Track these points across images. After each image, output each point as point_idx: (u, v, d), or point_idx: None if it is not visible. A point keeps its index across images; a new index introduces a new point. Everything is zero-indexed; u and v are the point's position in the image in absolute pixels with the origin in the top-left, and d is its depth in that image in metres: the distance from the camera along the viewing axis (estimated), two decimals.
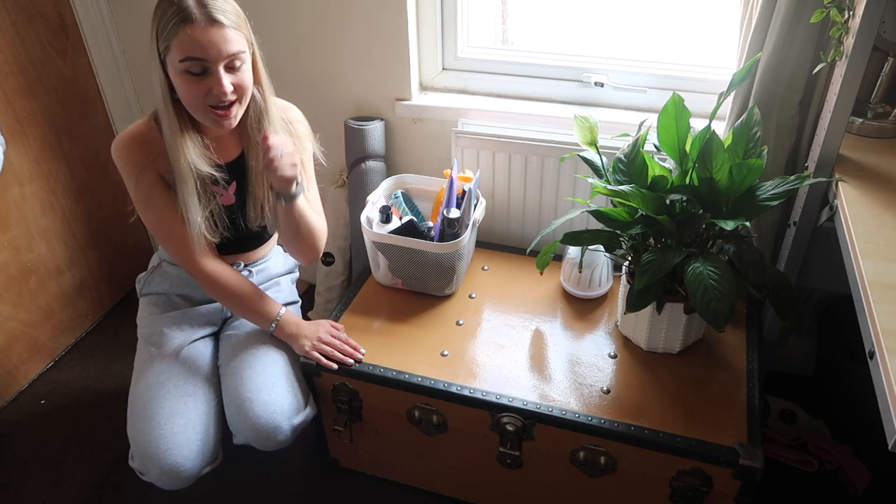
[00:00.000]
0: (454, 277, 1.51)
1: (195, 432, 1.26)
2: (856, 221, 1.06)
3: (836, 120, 1.18)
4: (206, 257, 1.32)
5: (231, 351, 1.38)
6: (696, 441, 1.16)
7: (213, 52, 1.10)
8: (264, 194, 1.34)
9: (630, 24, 1.66)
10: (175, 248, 1.30)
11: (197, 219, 1.25)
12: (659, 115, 1.19)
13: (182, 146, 1.20)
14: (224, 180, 1.28)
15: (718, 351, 1.36)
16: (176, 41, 1.09)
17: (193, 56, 1.09)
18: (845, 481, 1.48)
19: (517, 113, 1.66)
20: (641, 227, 1.21)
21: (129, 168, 1.25)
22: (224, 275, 1.33)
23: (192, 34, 1.08)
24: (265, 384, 1.30)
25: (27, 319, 1.83)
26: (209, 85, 1.13)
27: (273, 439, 1.28)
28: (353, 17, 1.66)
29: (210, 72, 1.12)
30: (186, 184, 1.22)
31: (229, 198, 1.33)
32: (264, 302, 1.37)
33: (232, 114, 1.18)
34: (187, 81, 1.12)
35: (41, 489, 1.57)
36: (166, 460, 1.22)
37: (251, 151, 1.30)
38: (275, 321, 1.36)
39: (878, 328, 0.83)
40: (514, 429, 1.26)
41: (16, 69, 1.68)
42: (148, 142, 1.24)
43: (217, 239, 1.31)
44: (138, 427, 1.26)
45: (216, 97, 1.14)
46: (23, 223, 1.77)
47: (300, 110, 1.43)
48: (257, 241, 1.46)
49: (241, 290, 1.34)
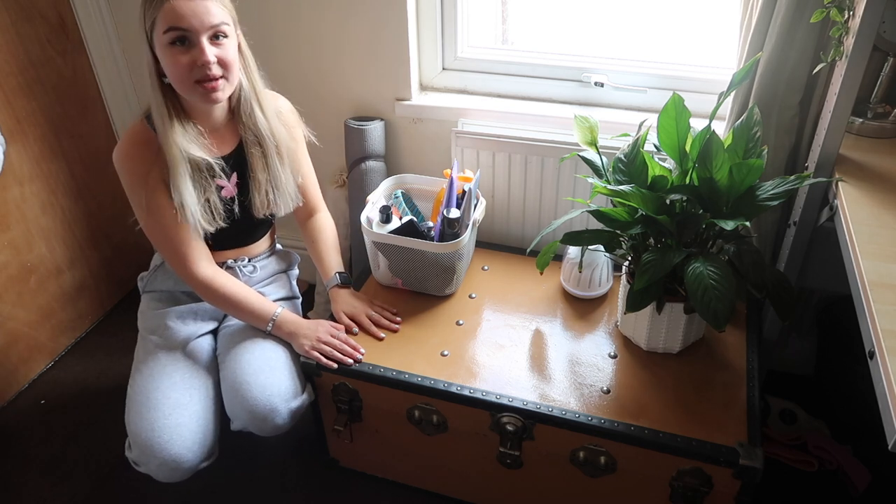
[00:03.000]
0: (454, 277, 1.51)
1: (198, 425, 1.28)
2: (856, 221, 1.06)
3: (836, 120, 1.18)
4: (202, 263, 1.33)
5: (230, 339, 1.40)
6: (696, 441, 1.16)
7: (196, 21, 1.12)
8: (267, 180, 1.36)
9: (630, 24, 1.66)
10: (171, 253, 1.32)
11: (192, 205, 1.25)
12: (659, 115, 1.19)
13: (171, 130, 1.21)
14: (223, 171, 1.30)
15: (718, 351, 1.36)
16: (160, 14, 1.12)
17: (176, 26, 1.12)
18: (845, 481, 1.48)
19: (517, 113, 1.66)
20: (641, 227, 1.21)
21: (133, 177, 1.25)
22: (219, 279, 1.35)
23: (175, 4, 1.11)
24: (263, 368, 1.31)
25: (27, 319, 1.83)
26: (193, 57, 1.14)
27: (271, 422, 1.29)
28: (353, 18, 1.66)
29: (193, 43, 1.14)
30: (177, 168, 1.22)
31: (230, 189, 1.34)
32: (260, 302, 1.38)
33: (219, 86, 1.19)
34: (172, 54, 1.14)
35: (41, 489, 1.57)
36: (168, 451, 1.23)
37: (248, 140, 1.32)
38: (271, 321, 1.37)
39: (878, 328, 0.83)
40: (514, 429, 1.26)
41: (16, 69, 1.68)
42: (146, 143, 1.24)
43: (213, 228, 1.31)
44: (140, 416, 1.26)
45: (201, 69, 1.15)
46: (23, 223, 1.77)
47: (300, 109, 1.44)
48: (259, 233, 1.48)
49: (236, 292, 1.36)
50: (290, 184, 1.40)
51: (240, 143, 1.34)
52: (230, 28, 1.19)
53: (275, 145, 1.34)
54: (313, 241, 1.54)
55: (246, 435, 1.39)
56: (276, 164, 1.35)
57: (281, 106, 1.40)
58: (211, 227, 1.31)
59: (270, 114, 1.33)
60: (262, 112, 1.31)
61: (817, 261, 1.35)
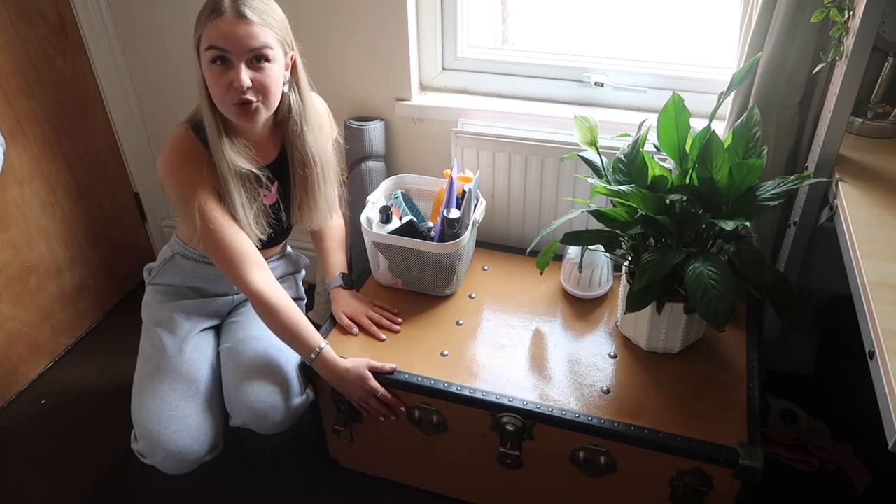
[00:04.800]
0: (454, 277, 1.51)
1: (203, 416, 1.29)
2: (856, 221, 1.06)
3: (836, 120, 1.18)
4: (257, 272, 1.28)
5: (233, 335, 1.41)
6: (696, 441, 1.16)
7: (235, 43, 1.12)
8: (307, 190, 1.36)
9: (630, 24, 1.66)
10: (227, 262, 1.26)
11: (246, 215, 1.26)
12: (659, 115, 1.19)
13: (221, 144, 1.21)
14: (268, 179, 1.30)
15: (718, 351, 1.36)
16: (205, 31, 1.13)
17: (216, 45, 1.12)
18: (845, 481, 1.48)
19: (517, 113, 1.66)
20: (641, 227, 1.21)
21: (186, 188, 1.22)
22: (273, 292, 1.28)
23: (219, 25, 1.11)
24: (264, 365, 1.32)
25: (27, 319, 1.83)
26: (230, 78, 1.14)
27: (270, 420, 1.29)
28: (353, 18, 1.66)
29: (231, 65, 1.14)
30: (229, 183, 1.22)
31: (272, 196, 1.35)
32: (308, 330, 1.31)
33: (251, 110, 1.18)
34: (212, 72, 1.15)
35: (41, 489, 1.57)
36: (175, 442, 1.24)
37: (293, 157, 1.32)
38: (315, 352, 1.30)
39: (878, 328, 0.83)
40: (514, 429, 1.26)
41: (16, 69, 1.68)
42: (195, 151, 1.23)
43: (265, 236, 1.32)
44: (146, 408, 1.27)
45: (235, 91, 1.15)
46: (23, 223, 1.77)
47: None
48: (284, 237, 1.48)
49: (288, 312, 1.29)
50: (325, 201, 1.39)
51: (282, 151, 1.34)
52: (275, 52, 1.16)
53: (321, 166, 1.33)
54: (322, 239, 1.54)
55: (246, 434, 1.39)
56: (319, 185, 1.35)
57: (318, 107, 1.38)
58: (263, 235, 1.31)
59: (319, 134, 1.31)
60: (311, 133, 1.29)
61: (817, 261, 1.35)
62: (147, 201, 2.19)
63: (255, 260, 1.28)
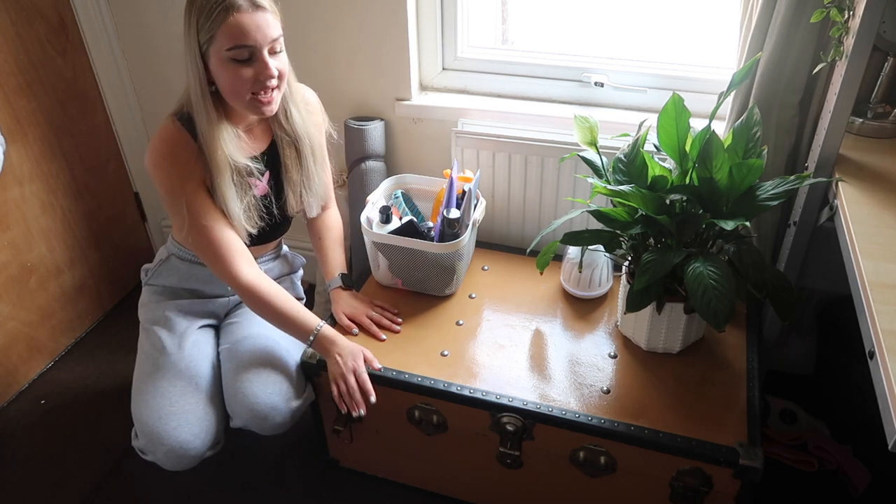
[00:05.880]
0: (454, 277, 1.51)
1: (204, 412, 1.29)
2: (856, 221, 1.06)
3: (836, 120, 1.18)
4: (245, 266, 1.28)
5: (232, 335, 1.40)
6: (696, 441, 1.16)
7: (260, 36, 1.12)
8: (301, 181, 1.36)
9: (630, 24, 1.66)
10: (214, 257, 1.27)
11: (237, 211, 1.25)
12: (659, 115, 1.19)
13: (219, 137, 1.20)
14: (259, 171, 1.30)
15: (718, 351, 1.36)
16: (222, 29, 1.10)
17: (242, 43, 1.11)
18: (845, 481, 1.48)
19: (517, 113, 1.66)
20: (641, 227, 1.21)
21: (173, 180, 1.22)
22: (263, 284, 1.30)
23: (240, 21, 1.09)
24: (265, 366, 1.31)
25: (27, 319, 1.83)
26: (255, 71, 1.14)
27: (271, 421, 1.29)
28: (353, 17, 1.66)
29: (256, 57, 1.13)
30: (223, 175, 1.22)
31: (263, 188, 1.34)
32: (303, 314, 1.32)
33: (274, 99, 1.19)
34: (234, 69, 1.13)
35: (41, 489, 1.57)
36: (176, 437, 1.24)
37: (283, 140, 1.32)
38: (314, 334, 1.31)
39: (878, 328, 0.83)
40: (514, 429, 1.26)
41: (16, 69, 1.68)
42: (183, 144, 1.22)
43: (255, 230, 1.31)
44: (147, 405, 1.27)
45: (262, 82, 1.15)
46: (23, 223, 1.77)
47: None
48: (278, 233, 1.47)
49: (280, 300, 1.30)
50: (321, 183, 1.40)
51: (272, 141, 1.34)
52: (282, 38, 1.18)
53: (309, 145, 1.34)
54: (320, 238, 1.53)
55: (246, 434, 1.39)
56: (311, 164, 1.36)
57: (308, 97, 1.39)
58: (254, 230, 1.31)
59: (305, 112, 1.32)
60: (297, 112, 1.30)
61: (817, 261, 1.35)
62: (147, 201, 2.19)
63: (241, 253, 1.28)
